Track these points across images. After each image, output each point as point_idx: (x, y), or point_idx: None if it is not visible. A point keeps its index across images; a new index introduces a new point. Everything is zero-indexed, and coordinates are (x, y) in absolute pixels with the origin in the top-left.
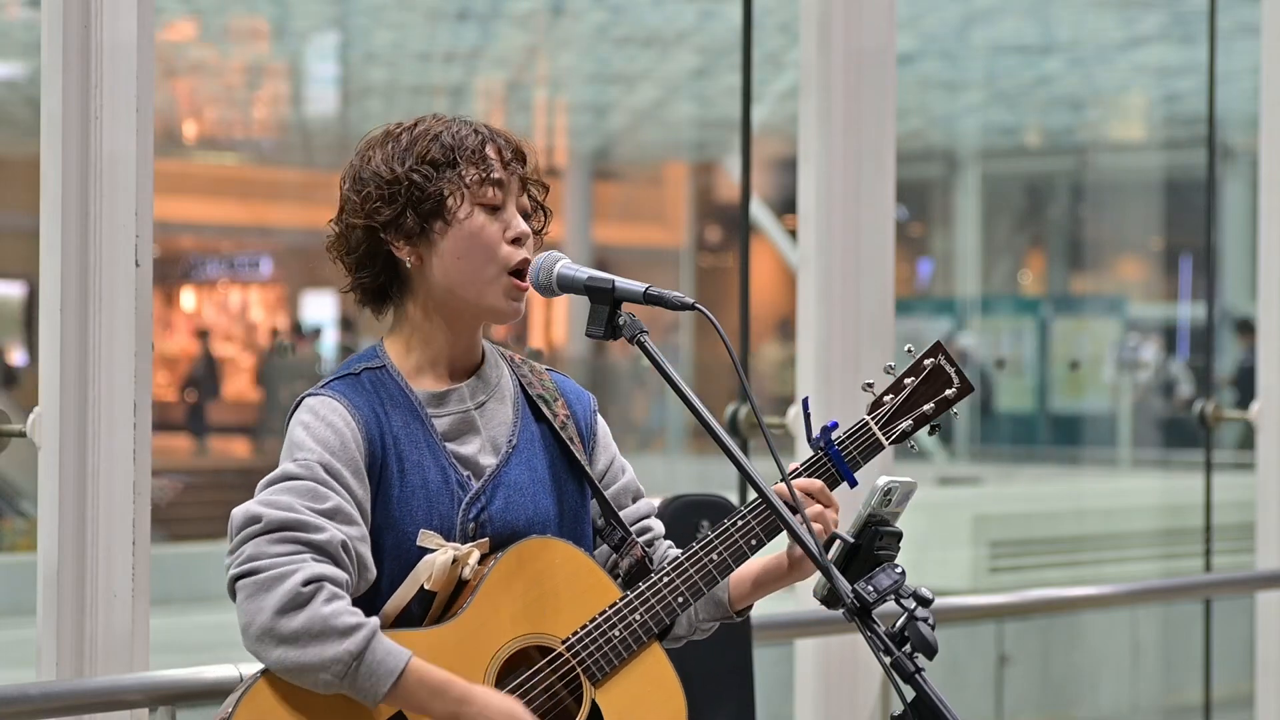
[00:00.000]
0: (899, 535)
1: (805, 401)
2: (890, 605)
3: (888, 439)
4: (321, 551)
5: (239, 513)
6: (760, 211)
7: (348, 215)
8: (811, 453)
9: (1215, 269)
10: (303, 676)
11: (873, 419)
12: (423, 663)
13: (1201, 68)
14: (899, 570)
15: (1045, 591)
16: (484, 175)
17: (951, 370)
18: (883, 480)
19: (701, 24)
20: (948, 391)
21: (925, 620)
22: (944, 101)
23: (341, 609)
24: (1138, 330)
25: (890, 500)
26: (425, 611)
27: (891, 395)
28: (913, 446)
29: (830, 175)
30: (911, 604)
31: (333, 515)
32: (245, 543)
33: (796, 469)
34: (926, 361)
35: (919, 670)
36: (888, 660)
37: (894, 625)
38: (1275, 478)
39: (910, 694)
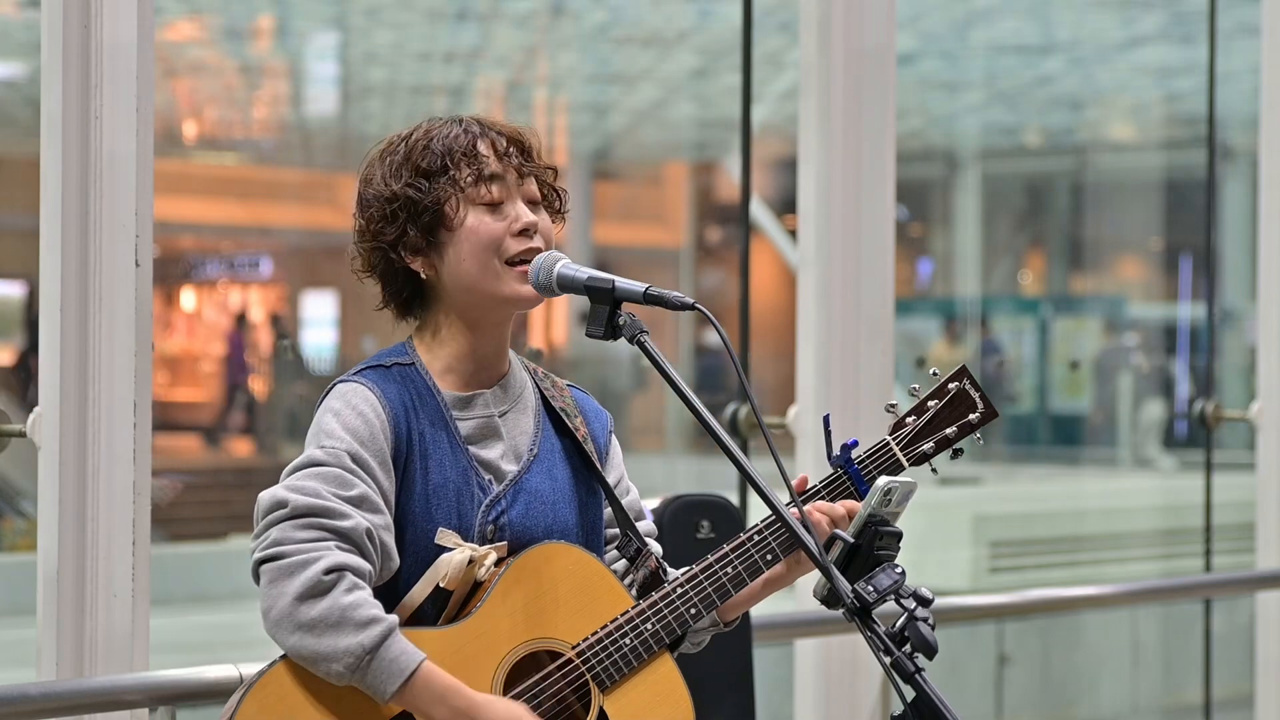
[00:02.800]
0: (899, 535)
1: (826, 419)
2: (890, 605)
3: (908, 460)
4: (346, 539)
5: (265, 497)
6: (760, 211)
7: (360, 239)
8: (831, 470)
9: (1215, 269)
10: (316, 665)
11: (894, 439)
12: (433, 666)
13: (1201, 68)
14: (899, 570)
15: (1045, 591)
16: (478, 174)
17: (976, 395)
18: (883, 480)
19: (701, 24)
20: (971, 416)
21: (925, 620)
22: (944, 101)
23: (362, 600)
24: (1137, 330)
25: (890, 500)
26: (440, 610)
27: (914, 417)
28: (934, 470)
29: (830, 175)
30: (911, 604)
31: (359, 503)
32: (271, 527)
33: (815, 487)
34: (951, 385)
35: (919, 670)
36: (888, 660)
37: (894, 625)
38: (1275, 478)
39: (910, 694)
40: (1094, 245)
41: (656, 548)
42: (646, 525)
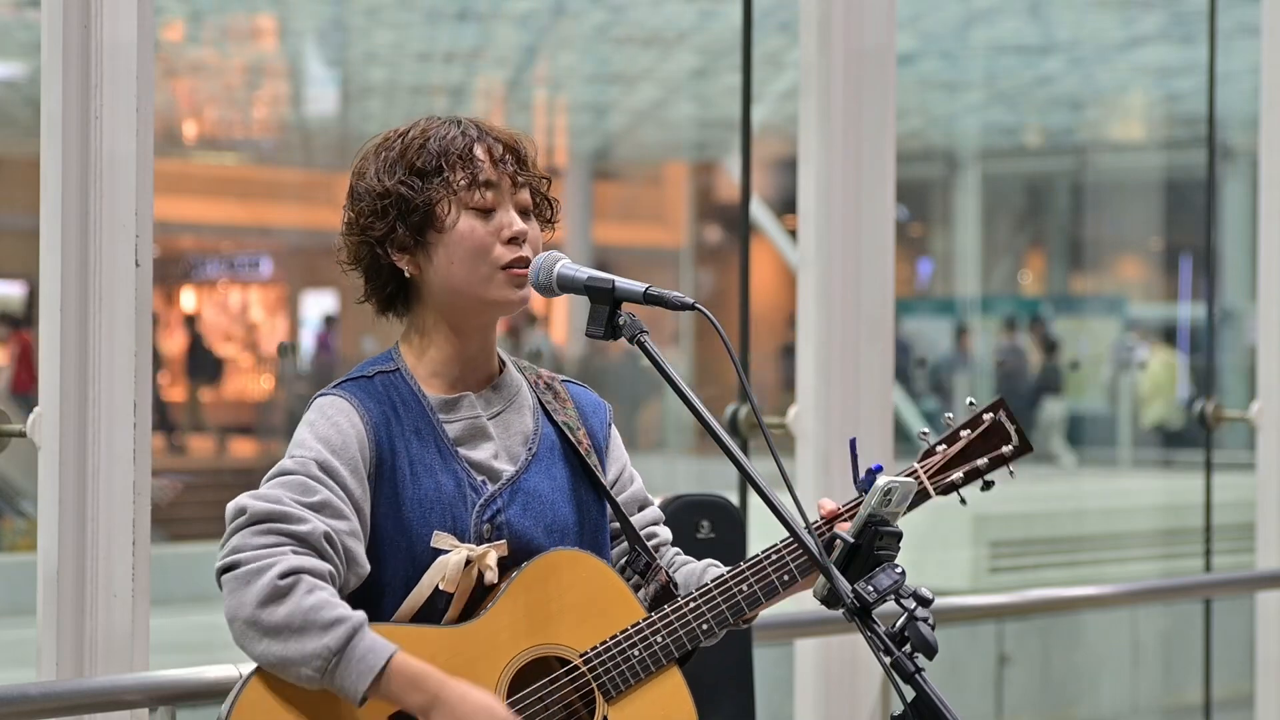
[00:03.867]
0: (899, 535)
1: (853, 443)
2: (890, 605)
3: (936, 489)
4: (302, 542)
5: (231, 506)
6: (760, 211)
7: (348, 231)
8: (856, 494)
9: (1215, 269)
10: (285, 670)
11: (923, 467)
12: (405, 656)
13: (1201, 68)
14: (899, 570)
15: (1045, 591)
16: (472, 178)
17: (1011, 428)
18: (883, 480)
19: (701, 24)
20: (1004, 448)
21: (925, 620)
22: (944, 101)
23: (324, 601)
24: (1137, 330)
25: (890, 500)
26: (442, 614)
27: (945, 445)
28: (963, 502)
29: (830, 175)
30: (911, 604)
31: (319, 509)
32: (232, 535)
33: (840, 511)
34: (986, 416)
35: (919, 670)
36: (888, 660)
37: (894, 625)
38: (1275, 478)
39: (910, 694)
40: (1094, 245)
41: (665, 533)
42: (653, 512)
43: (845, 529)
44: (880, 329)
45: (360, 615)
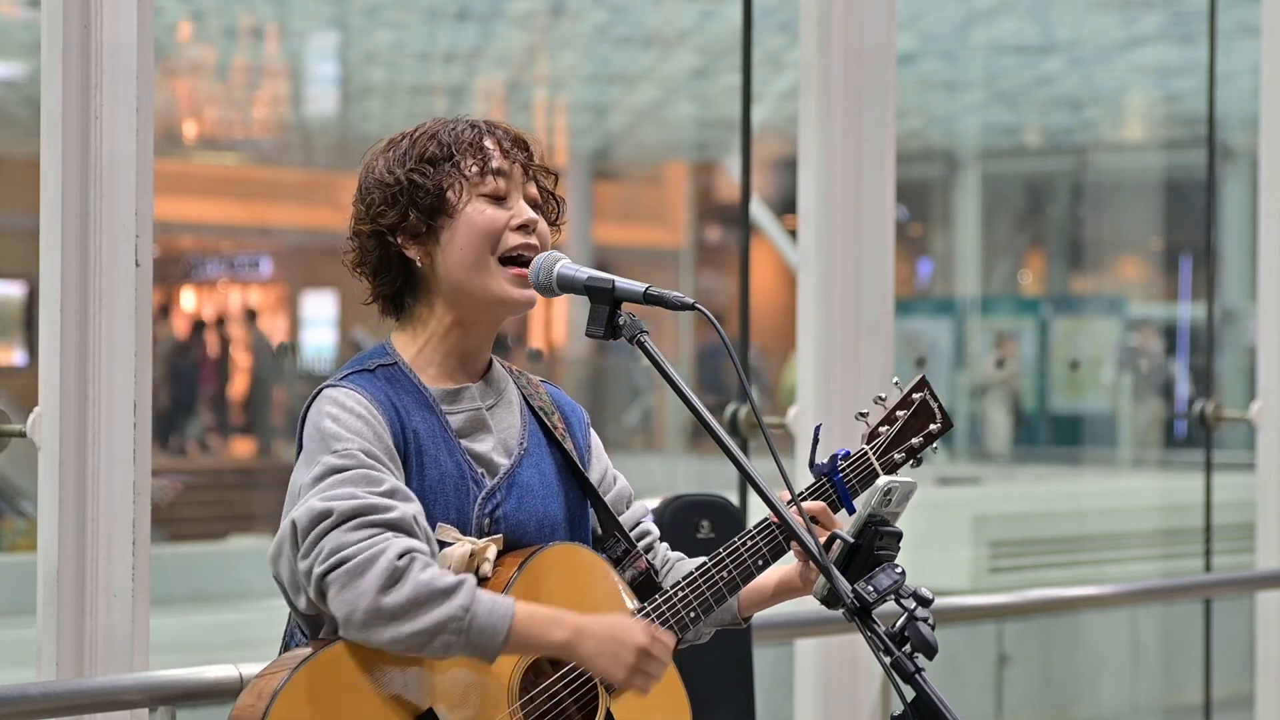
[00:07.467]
0: (899, 535)
1: (817, 429)
2: (890, 605)
3: (883, 469)
4: (398, 528)
5: (303, 514)
6: (760, 211)
7: (357, 225)
8: (814, 478)
9: (1215, 269)
10: (424, 646)
11: (871, 449)
12: (523, 602)
13: (1201, 68)
14: (899, 570)
15: (1045, 591)
16: (483, 165)
17: (935, 405)
18: (883, 480)
19: (701, 24)
20: (931, 426)
21: (925, 620)
22: (944, 101)
23: (438, 573)
24: (1138, 330)
25: (890, 500)
26: None
27: (886, 427)
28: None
29: (830, 175)
30: (911, 604)
31: (392, 495)
32: (321, 539)
33: (801, 494)
34: (915, 395)
35: (919, 670)
36: (888, 660)
37: (894, 625)
38: (1275, 478)
39: (910, 694)
40: (1094, 245)
41: (654, 529)
42: (640, 508)
43: (810, 508)
44: (880, 329)
45: (471, 576)
